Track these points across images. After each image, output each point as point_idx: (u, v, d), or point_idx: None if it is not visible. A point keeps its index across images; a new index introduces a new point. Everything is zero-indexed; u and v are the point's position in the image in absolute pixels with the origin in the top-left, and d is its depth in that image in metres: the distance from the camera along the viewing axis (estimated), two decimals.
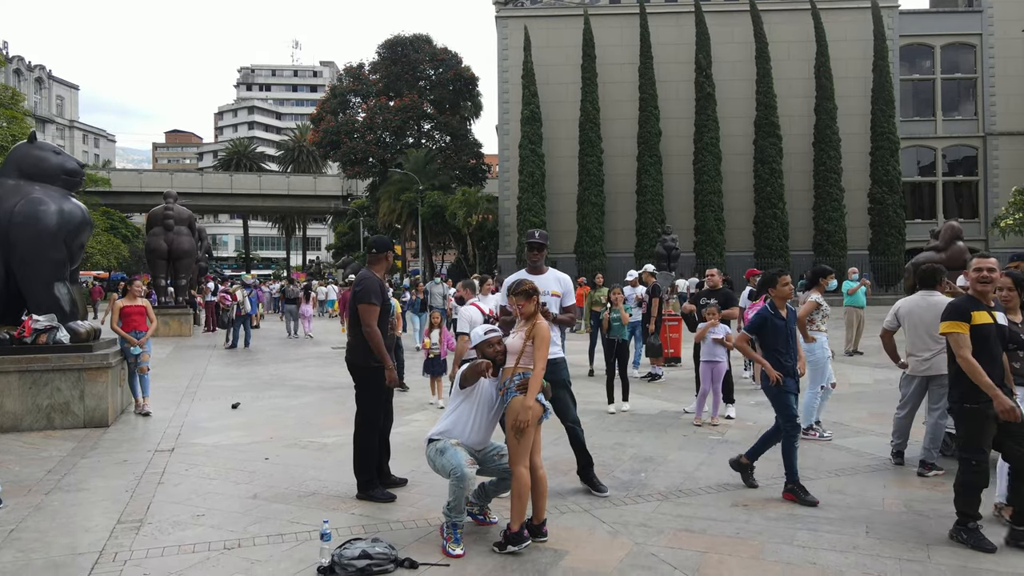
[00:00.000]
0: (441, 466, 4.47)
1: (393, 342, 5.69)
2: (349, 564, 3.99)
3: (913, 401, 6.14)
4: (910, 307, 6.06)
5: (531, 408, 4.35)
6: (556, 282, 5.50)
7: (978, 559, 4.20)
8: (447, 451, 4.46)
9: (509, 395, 4.43)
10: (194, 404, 9.75)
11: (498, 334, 4.71)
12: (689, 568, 4.10)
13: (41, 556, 4.37)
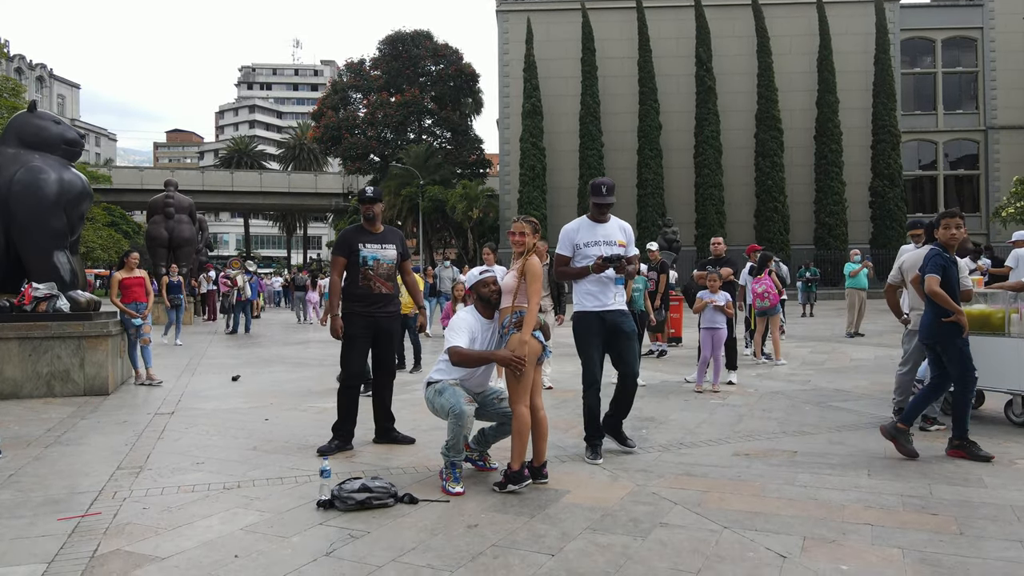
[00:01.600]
0: (440, 406, 4.45)
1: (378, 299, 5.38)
2: (349, 496, 3.97)
3: (915, 357, 6.11)
4: (913, 261, 6.02)
5: (529, 345, 4.33)
6: (621, 231, 5.17)
7: (980, 495, 4.18)
8: (445, 391, 4.44)
9: (508, 333, 4.41)
10: (194, 377, 9.75)
11: (493, 274, 4.70)
12: (690, 503, 4.08)
13: (40, 495, 4.35)
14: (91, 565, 3.26)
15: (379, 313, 5.42)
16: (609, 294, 5.03)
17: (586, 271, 4.98)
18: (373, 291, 5.36)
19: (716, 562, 3.23)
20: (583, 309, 5.06)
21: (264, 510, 4.04)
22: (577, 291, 5.12)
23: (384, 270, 5.40)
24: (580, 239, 5.12)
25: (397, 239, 5.56)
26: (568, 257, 5.16)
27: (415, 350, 10.44)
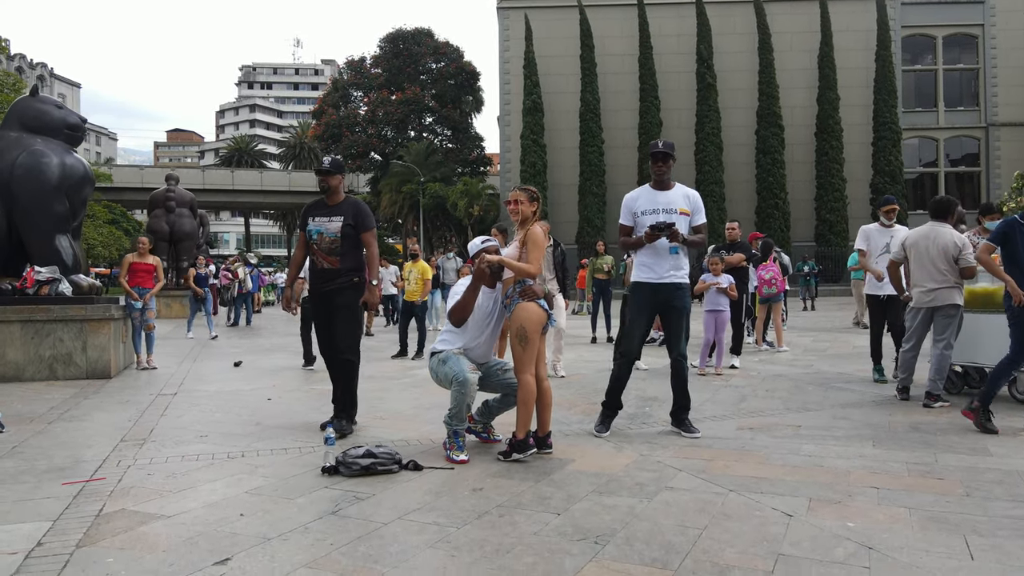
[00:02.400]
0: (444, 375, 4.45)
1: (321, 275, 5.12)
2: (354, 462, 3.97)
3: (918, 334, 6.11)
4: (916, 238, 6.02)
5: (533, 313, 4.32)
6: (684, 199, 4.89)
7: (986, 462, 4.17)
8: (449, 360, 4.44)
9: (513, 303, 4.40)
10: (196, 363, 9.74)
11: (494, 243, 4.69)
12: (695, 470, 4.07)
13: (44, 464, 4.35)
14: (97, 522, 3.25)
15: (322, 289, 5.14)
16: (663, 265, 4.81)
17: (639, 242, 4.83)
18: (317, 266, 5.15)
19: (722, 520, 3.23)
20: (638, 279, 4.94)
21: (268, 476, 4.04)
22: (635, 262, 5.02)
23: (326, 244, 5.07)
24: (638, 207, 4.90)
25: (350, 211, 5.13)
26: (629, 227, 4.95)
27: (420, 338, 10.43)
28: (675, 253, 4.83)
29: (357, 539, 3.01)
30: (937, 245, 5.86)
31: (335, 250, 5.09)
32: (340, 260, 5.10)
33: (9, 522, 3.26)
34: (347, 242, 5.10)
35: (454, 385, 4.33)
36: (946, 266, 5.81)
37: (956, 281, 5.84)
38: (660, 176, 4.88)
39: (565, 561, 2.76)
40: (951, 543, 2.92)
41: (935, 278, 5.85)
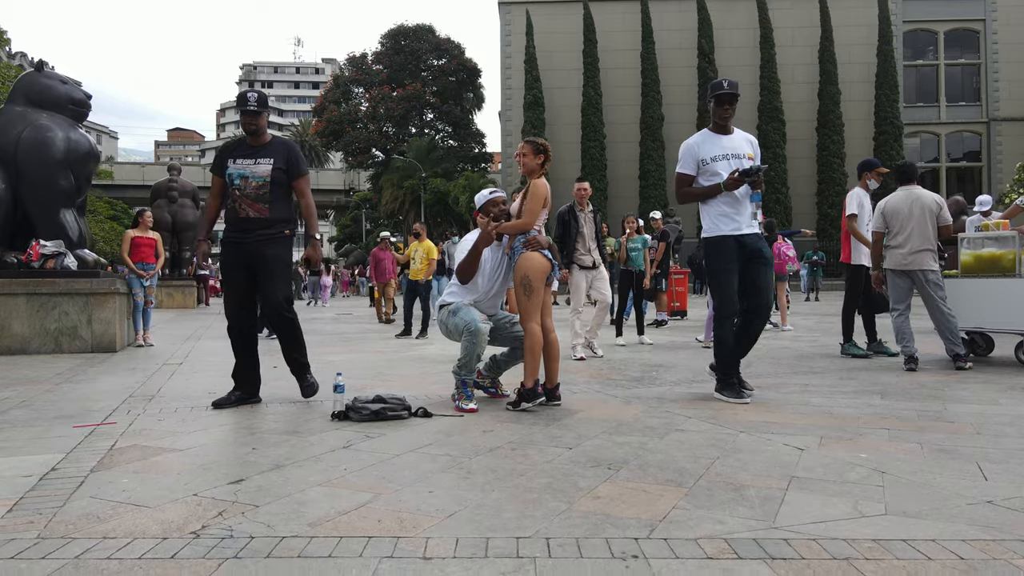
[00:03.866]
0: (454, 325, 4.45)
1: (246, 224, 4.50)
2: (363, 407, 3.97)
3: (905, 300, 6.11)
4: (896, 203, 6.04)
5: (537, 262, 4.32)
6: (748, 144, 4.56)
7: (995, 409, 4.18)
8: (460, 310, 4.44)
9: (516, 254, 4.40)
10: (200, 342, 9.75)
11: (501, 194, 4.70)
12: (704, 417, 4.08)
13: (54, 412, 4.36)
14: (110, 454, 3.25)
15: (247, 239, 4.47)
16: (745, 214, 4.43)
17: (717, 189, 4.39)
18: (239, 215, 4.47)
19: (734, 452, 3.23)
20: (718, 233, 4.44)
21: (279, 420, 4.05)
22: (707, 213, 4.50)
23: (252, 189, 4.44)
24: (704, 153, 4.48)
25: (281, 152, 4.54)
26: (691, 176, 4.53)
27: (424, 317, 10.43)
28: (757, 200, 4.45)
29: (370, 466, 3.02)
30: (918, 206, 5.89)
31: (263, 196, 4.45)
32: (270, 208, 4.47)
33: (22, 455, 3.27)
34: (277, 188, 4.49)
35: (465, 334, 4.34)
36: (928, 227, 5.85)
37: (935, 243, 5.88)
38: (725, 120, 4.54)
39: (579, 481, 2.76)
40: (964, 468, 2.92)
41: (916, 239, 5.87)
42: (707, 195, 4.48)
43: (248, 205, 4.47)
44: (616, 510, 2.41)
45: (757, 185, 4.37)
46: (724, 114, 4.54)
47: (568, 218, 7.24)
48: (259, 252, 4.47)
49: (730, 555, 2.02)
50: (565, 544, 2.11)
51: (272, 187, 4.48)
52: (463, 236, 4.91)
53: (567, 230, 7.21)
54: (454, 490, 2.66)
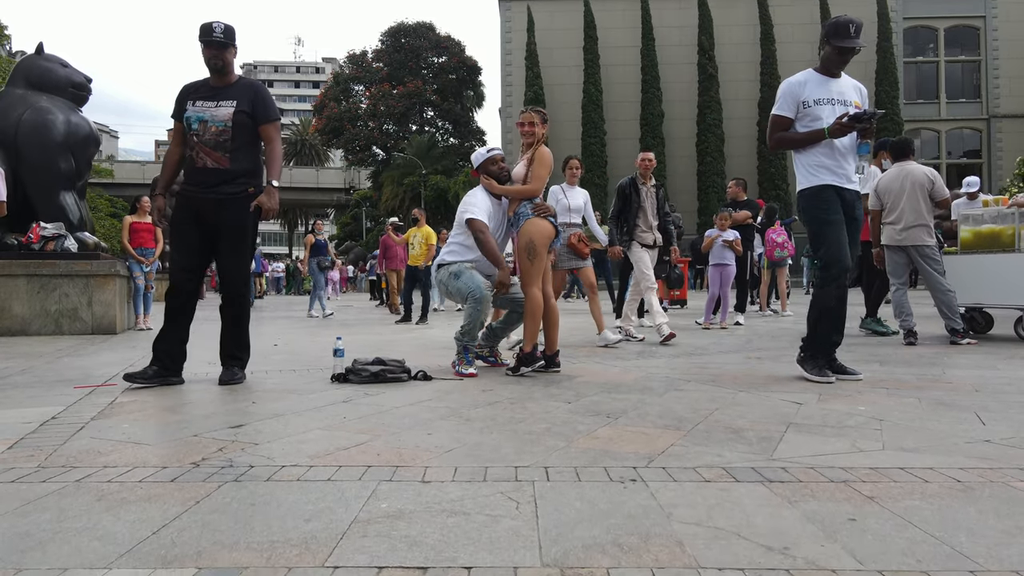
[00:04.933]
0: (457, 289, 4.44)
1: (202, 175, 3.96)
2: (363, 369, 3.98)
3: (903, 275, 6.12)
4: (889, 180, 6.06)
5: (542, 228, 4.33)
6: (856, 91, 4.09)
7: (994, 373, 4.19)
8: (463, 274, 4.44)
9: (521, 219, 4.41)
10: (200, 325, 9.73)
11: (499, 152, 4.70)
12: (705, 380, 4.08)
13: (55, 377, 4.36)
14: (110, 407, 3.26)
15: (205, 195, 3.92)
16: (849, 167, 3.96)
17: (819, 135, 3.89)
18: (197, 163, 3.93)
19: (732, 405, 3.24)
20: (819, 183, 3.93)
21: (279, 382, 4.06)
22: (804, 163, 4.01)
23: (211, 135, 3.90)
24: (808, 95, 3.97)
25: (246, 94, 4.00)
26: (789, 119, 4.01)
27: (423, 303, 10.43)
28: (865, 153, 3.96)
29: (369, 415, 3.03)
30: (910, 181, 5.89)
31: (224, 144, 3.91)
32: (231, 158, 3.92)
33: (23, 408, 3.28)
34: (241, 134, 3.95)
35: (470, 302, 4.34)
36: (920, 202, 5.85)
37: (929, 218, 5.87)
38: (840, 67, 4.04)
39: (578, 426, 2.77)
40: (961, 416, 2.93)
41: (908, 214, 5.87)
42: (806, 142, 3.95)
43: (206, 154, 3.91)
44: (615, 447, 2.42)
45: (868, 134, 3.86)
46: (843, 61, 3.97)
47: (629, 191, 6.62)
48: (218, 214, 3.91)
49: (728, 479, 2.03)
50: (563, 471, 2.12)
51: (234, 133, 3.92)
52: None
53: (627, 204, 6.59)
54: (453, 432, 2.67)
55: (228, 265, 4.04)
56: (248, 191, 3.99)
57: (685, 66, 35.75)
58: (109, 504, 1.83)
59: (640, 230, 6.58)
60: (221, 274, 4.08)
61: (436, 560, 1.44)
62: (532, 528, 1.63)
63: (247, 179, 3.98)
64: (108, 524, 1.68)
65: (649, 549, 1.50)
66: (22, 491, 1.96)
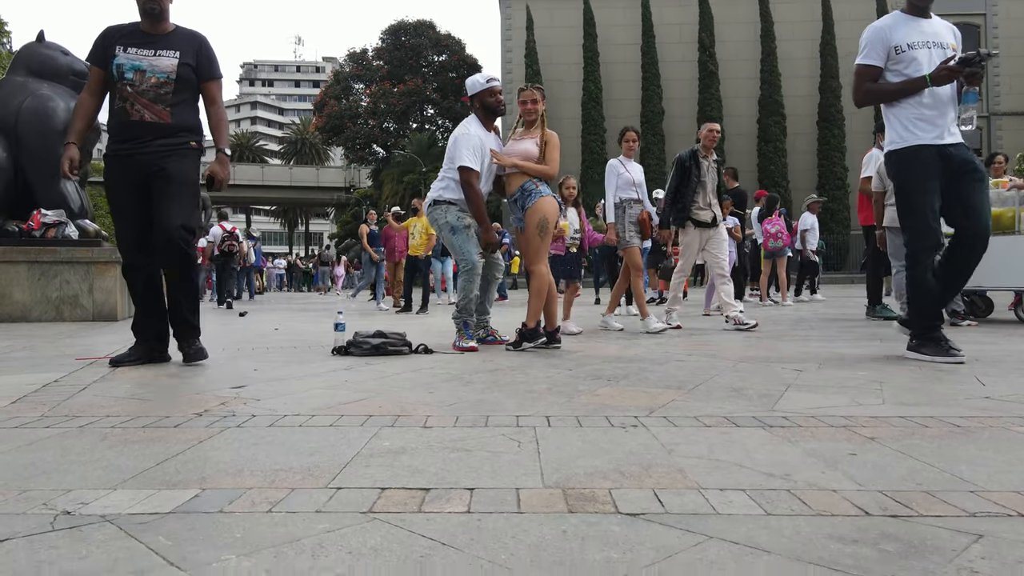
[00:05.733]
0: (450, 244, 4.41)
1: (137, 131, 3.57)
2: (364, 341, 3.99)
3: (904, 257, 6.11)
4: None
5: (549, 204, 4.34)
6: (950, 32, 3.61)
7: (994, 348, 4.19)
8: (459, 234, 4.35)
9: (532, 196, 4.40)
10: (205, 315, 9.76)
11: (498, 83, 4.70)
12: (705, 354, 4.09)
13: (55, 353, 4.37)
14: (112, 373, 3.27)
15: (141, 151, 3.53)
16: (949, 119, 3.48)
17: (920, 84, 3.43)
18: (131, 117, 3.52)
19: (732, 371, 3.25)
20: (913, 142, 3.49)
21: (281, 355, 4.06)
22: (899, 118, 3.55)
23: (150, 88, 3.53)
24: (900, 39, 3.50)
25: (190, 46, 3.68)
26: (879, 68, 3.55)
27: (424, 293, 10.44)
28: (973, 103, 3.47)
29: (371, 379, 3.04)
30: None
31: (164, 97, 3.56)
32: (172, 112, 3.58)
33: (25, 374, 3.29)
34: (183, 89, 3.62)
35: (462, 274, 4.34)
36: None
37: None
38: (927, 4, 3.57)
39: (579, 387, 2.78)
40: (961, 380, 2.94)
41: None
42: (903, 92, 3.48)
43: (144, 107, 3.53)
44: (615, 402, 2.43)
45: (976, 79, 3.37)
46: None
47: (689, 164, 5.95)
48: (157, 166, 3.52)
49: (728, 425, 2.04)
50: (565, 419, 2.13)
51: (177, 87, 3.58)
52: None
53: (686, 178, 5.95)
54: (454, 392, 2.68)
55: (163, 213, 3.50)
56: (190, 145, 3.65)
57: (685, 64, 35.72)
58: (112, 443, 1.84)
59: (698, 207, 5.96)
60: (158, 221, 3.51)
61: (438, 484, 1.45)
62: (534, 460, 1.64)
63: (188, 134, 3.65)
64: (112, 458, 1.68)
65: (651, 475, 1.51)
66: (26, 434, 1.97)
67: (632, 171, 6.02)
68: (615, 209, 5.90)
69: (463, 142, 4.44)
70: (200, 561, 1.03)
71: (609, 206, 5.91)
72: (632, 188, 5.95)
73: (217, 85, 3.78)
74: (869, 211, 6.88)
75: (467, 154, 4.38)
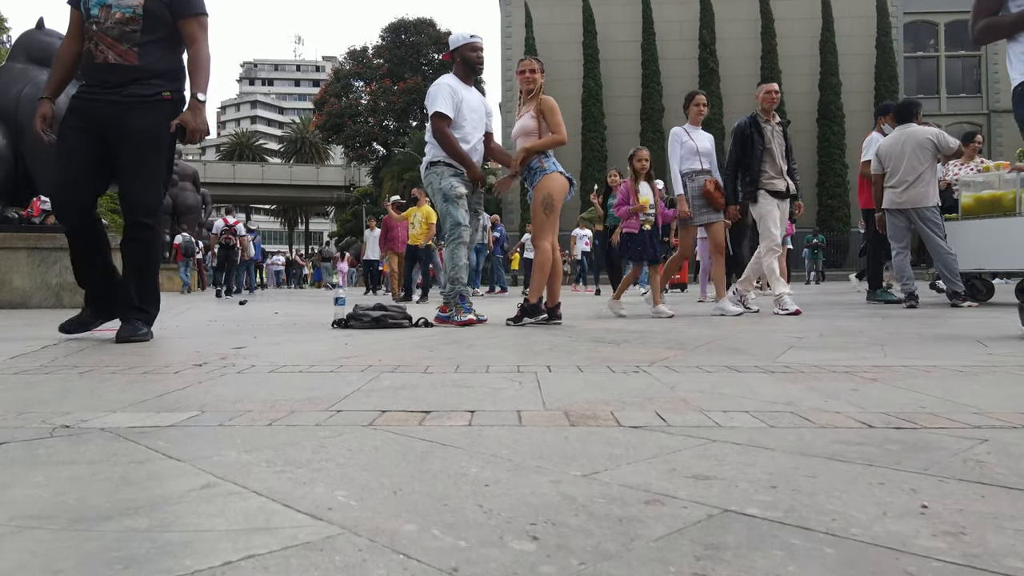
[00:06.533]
0: (440, 210, 4.33)
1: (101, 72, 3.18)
2: (364, 314, 3.98)
3: (904, 239, 6.09)
4: (890, 143, 6.03)
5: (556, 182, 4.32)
6: None
7: (998, 324, 4.19)
8: (451, 201, 4.22)
9: (538, 175, 4.38)
10: (204, 304, 9.77)
11: (481, 39, 4.64)
12: (704, 325, 4.08)
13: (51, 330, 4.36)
14: (110, 341, 3.26)
15: (105, 96, 3.13)
16: None
17: None
18: (96, 59, 3.14)
19: (735, 335, 3.24)
20: None
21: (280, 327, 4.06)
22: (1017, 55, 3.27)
23: (114, 24, 3.12)
24: None
25: None
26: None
27: (424, 283, 10.43)
28: None
29: (372, 342, 3.03)
30: (910, 144, 5.87)
31: (131, 36, 3.14)
32: (139, 53, 3.15)
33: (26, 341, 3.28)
34: (153, 26, 3.18)
35: (448, 243, 4.22)
36: (920, 164, 5.81)
37: (930, 180, 5.83)
38: None
39: (580, 347, 2.77)
40: (964, 342, 2.93)
41: (909, 176, 5.85)
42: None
43: (108, 46, 3.12)
44: (617, 357, 2.42)
45: None
46: None
47: (750, 131, 5.43)
48: (121, 120, 3.09)
49: (731, 372, 2.03)
50: (566, 368, 2.12)
51: (145, 24, 3.15)
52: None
53: (748, 147, 5.38)
54: (455, 351, 2.67)
55: (133, 184, 3.16)
56: (163, 96, 3.18)
57: (686, 61, 35.71)
58: (112, 384, 1.83)
59: (768, 176, 5.33)
60: (124, 197, 3.19)
61: (439, 408, 1.44)
62: (535, 394, 1.63)
63: (161, 81, 3.18)
64: (112, 393, 1.68)
65: (652, 404, 1.50)
66: (25, 379, 1.96)
67: (697, 139, 5.53)
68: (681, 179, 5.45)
69: (435, 91, 4.32)
70: (199, 456, 1.03)
71: (675, 176, 5.50)
72: (695, 158, 5.48)
73: (198, 23, 3.25)
74: (869, 194, 6.85)
75: (440, 101, 4.25)
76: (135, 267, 3.26)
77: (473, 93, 4.49)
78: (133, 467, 0.96)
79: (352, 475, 0.91)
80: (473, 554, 0.65)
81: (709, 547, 0.66)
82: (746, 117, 5.59)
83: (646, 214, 5.27)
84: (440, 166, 4.33)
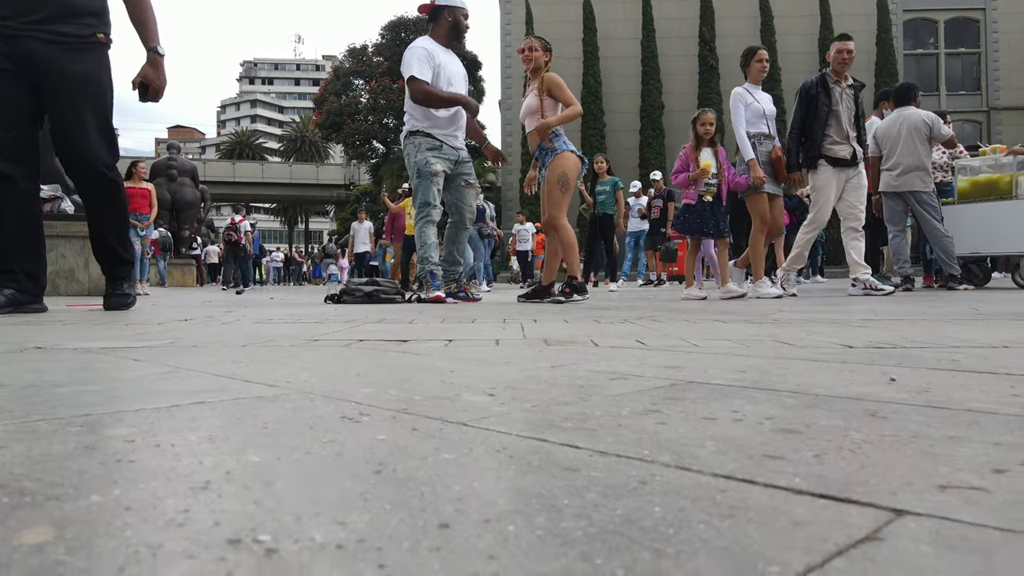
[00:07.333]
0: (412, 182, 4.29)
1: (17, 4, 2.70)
2: (357, 288, 3.98)
3: (901, 222, 6.07)
4: (886, 126, 6.00)
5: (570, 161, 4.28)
6: None
7: (995, 304, 4.18)
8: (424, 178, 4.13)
9: (551, 155, 4.35)
10: (201, 293, 9.76)
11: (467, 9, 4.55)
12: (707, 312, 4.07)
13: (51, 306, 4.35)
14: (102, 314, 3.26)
15: (28, 34, 2.70)
16: None
17: None
18: None
19: (725, 312, 3.23)
20: None
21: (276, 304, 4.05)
22: None
23: None
24: None
25: None
26: None
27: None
28: None
29: (360, 311, 3.02)
30: (906, 127, 5.85)
31: None
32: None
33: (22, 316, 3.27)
34: None
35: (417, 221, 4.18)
36: (917, 147, 5.79)
37: (926, 163, 5.79)
38: None
39: (569, 313, 2.76)
40: (959, 309, 2.92)
41: (904, 160, 5.83)
42: None
43: None
44: (604, 316, 2.41)
45: None
46: None
47: (816, 91, 4.96)
48: (54, 64, 2.71)
49: (717, 323, 2.02)
50: (552, 320, 2.11)
51: None
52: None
53: (813, 109, 4.91)
54: (443, 312, 2.66)
55: (75, 138, 2.78)
56: (97, 37, 2.79)
57: (686, 58, 35.72)
58: (94, 328, 1.82)
59: (831, 140, 4.88)
60: (63, 143, 2.82)
61: (417, 337, 1.43)
62: (518, 333, 1.62)
63: (93, 20, 2.79)
64: (91, 334, 1.67)
65: (634, 336, 1.49)
66: (5, 329, 1.95)
67: (762, 100, 5.02)
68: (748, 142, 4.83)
69: (408, 55, 4.18)
70: (173, 363, 1.02)
71: (743, 139, 4.79)
72: (762, 121, 4.92)
73: None
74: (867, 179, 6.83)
75: (416, 64, 4.10)
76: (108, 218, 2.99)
77: (452, 57, 4.37)
78: (98, 363, 0.95)
79: (319, 368, 0.91)
80: (425, 405, 0.64)
81: (668, 399, 0.65)
82: (814, 76, 5.08)
83: (707, 184, 4.73)
84: (419, 136, 4.18)
